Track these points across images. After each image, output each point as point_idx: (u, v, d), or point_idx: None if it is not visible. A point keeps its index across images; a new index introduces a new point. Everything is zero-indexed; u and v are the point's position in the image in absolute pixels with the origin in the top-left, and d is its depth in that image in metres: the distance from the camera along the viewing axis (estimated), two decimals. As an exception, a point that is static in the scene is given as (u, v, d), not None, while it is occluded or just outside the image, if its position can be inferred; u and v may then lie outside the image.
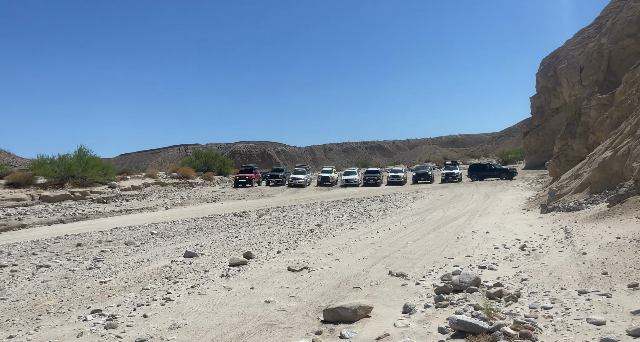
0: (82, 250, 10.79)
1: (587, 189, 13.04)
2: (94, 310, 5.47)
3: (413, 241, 9.49)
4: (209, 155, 40.07)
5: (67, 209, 19.95)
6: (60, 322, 5.14)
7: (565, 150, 21.66)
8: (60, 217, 18.51)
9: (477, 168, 35.81)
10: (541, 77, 44.15)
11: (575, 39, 36.90)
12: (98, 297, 6.14)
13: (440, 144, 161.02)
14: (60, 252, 10.51)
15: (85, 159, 24.37)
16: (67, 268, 8.49)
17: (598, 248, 6.77)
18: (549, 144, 38.13)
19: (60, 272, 8.19)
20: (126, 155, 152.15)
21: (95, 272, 7.92)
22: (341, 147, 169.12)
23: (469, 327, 3.83)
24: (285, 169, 40.41)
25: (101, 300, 6.00)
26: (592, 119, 19.07)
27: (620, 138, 12.27)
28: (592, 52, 26.48)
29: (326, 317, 4.69)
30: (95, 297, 6.18)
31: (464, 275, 5.46)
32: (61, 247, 11.32)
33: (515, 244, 8.29)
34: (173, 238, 12.07)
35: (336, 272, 6.89)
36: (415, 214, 15.16)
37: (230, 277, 6.87)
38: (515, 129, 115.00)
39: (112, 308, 5.54)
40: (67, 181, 22.92)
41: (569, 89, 31.96)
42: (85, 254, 10.17)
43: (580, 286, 5.07)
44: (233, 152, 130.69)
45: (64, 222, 18.26)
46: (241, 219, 16.20)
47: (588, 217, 9.61)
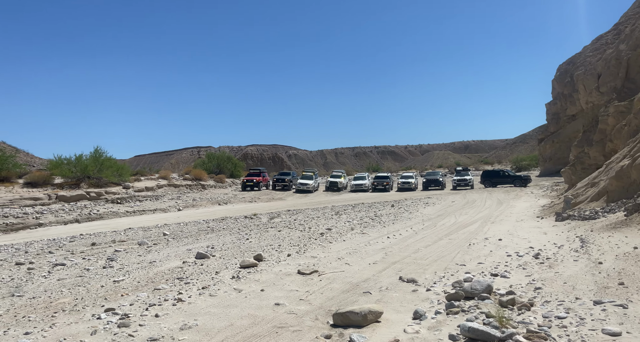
0: (97, 249, 10.97)
1: (603, 197, 12.79)
2: (107, 308, 5.56)
3: (424, 247, 9.42)
4: (221, 158, 40.36)
5: (83, 208, 20.32)
6: (74, 319, 5.23)
7: (581, 157, 21.28)
8: (75, 217, 18.86)
9: (490, 174, 35.26)
10: (557, 84, 43.54)
11: (592, 45, 36.37)
12: (111, 296, 6.24)
13: (452, 149, 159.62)
14: (75, 251, 10.71)
15: (100, 159, 24.81)
16: (82, 267, 8.64)
17: (614, 258, 6.63)
18: (565, 151, 37.51)
19: (75, 270, 8.34)
20: (140, 156, 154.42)
21: (109, 272, 8.05)
22: (352, 152, 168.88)
23: (480, 335, 3.79)
24: (293, 173, 38.84)
25: (114, 299, 6.09)
26: (609, 126, 18.72)
27: (638, 146, 12.02)
28: (610, 58, 26.05)
29: (336, 322, 4.69)
30: (108, 296, 6.28)
31: (476, 282, 5.40)
32: (76, 246, 11.53)
33: (529, 252, 8.16)
34: (185, 239, 12.20)
35: (346, 277, 6.87)
36: (427, 219, 15.04)
37: (241, 279, 6.91)
38: (529, 136, 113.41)
39: (125, 307, 5.62)
40: (83, 181, 23.36)
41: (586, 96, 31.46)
42: (100, 253, 10.34)
43: (596, 296, 4.97)
44: (245, 155, 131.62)
45: (79, 221, 18.60)
46: (252, 222, 16.29)
47: (604, 227, 9.42)
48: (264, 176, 36.22)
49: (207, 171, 35.59)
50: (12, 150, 31.55)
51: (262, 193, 32.73)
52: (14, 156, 24.99)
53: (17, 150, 34.40)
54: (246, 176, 36.17)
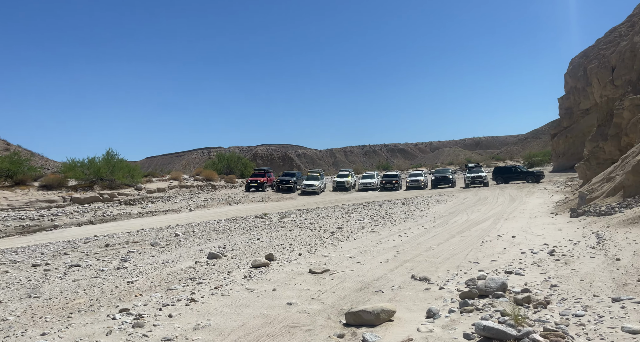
0: (111, 250, 11.11)
1: (620, 192, 12.53)
2: (122, 309, 5.62)
3: (436, 245, 9.33)
4: (231, 158, 40.53)
5: (96, 210, 20.61)
6: (90, 320, 5.30)
7: (596, 152, 20.88)
8: (89, 219, 19.14)
9: (502, 171, 34.76)
10: (570, 78, 42.82)
11: (606, 37, 35.66)
12: (126, 297, 6.31)
13: (463, 146, 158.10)
14: (90, 253, 10.86)
15: (113, 161, 25.13)
16: (97, 268, 8.76)
17: (633, 254, 6.48)
18: (579, 146, 36.89)
19: (90, 271, 8.46)
20: (152, 158, 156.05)
21: (122, 272, 8.14)
22: (362, 150, 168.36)
23: (495, 334, 3.73)
24: (298, 174, 36.48)
25: (128, 299, 6.16)
26: (624, 120, 18.33)
27: (655, 139, 11.74)
28: (624, 51, 25.51)
29: (348, 321, 4.66)
30: (123, 296, 6.35)
31: (490, 280, 5.33)
32: (91, 248, 11.70)
33: (544, 249, 8.03)
34: (197, 239, 12.29)
35: (358, 276, 6.84)
36: (438, 217, 14.92)
37: (253, 279, 6.93)
38: (542, 131, 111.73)
39: (139, 307, 5.67)
40: (96, 183, 23.69)
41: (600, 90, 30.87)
42: (114, 254, 10.47)
43: (614, 293, 4.86)
44: (255, 155, 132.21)
45: (93, 223, 18.87)
46: (263, 221, 16.34)
47: (621, 222, 9.22)
48: (269, 176, 34.98)
49: (217, 171, 35.77)
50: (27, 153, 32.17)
51: (272, 192, 32.52)
52: (29, 160, 25.45)
53: (32, 154, 35.04)
54: (250, 177, 34.88)
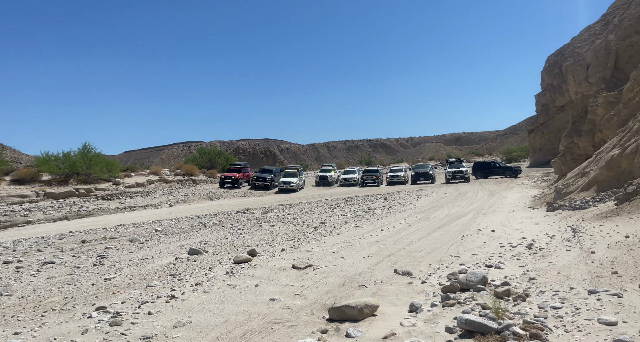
0: (87, 247, 10.80)
1: (594, 187, 12.91)
2: (98, 307, 5.46)
3: (418, 239, 9.42)
4: (212, 153, 39.98)
5: (72, 205, 20.02)
6: (65, 318, 5.13)
7: (571, 148, 21.48)
8: (64, 214, 18.57)
9: (481, 166, 35.37)
10: (546, 75, 43.82)
11: (581, 36, 36.57)
12: (103, 294, 6.13)
13: (444, 141, 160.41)
14: (65, 249, 10.53)
15: (89, 156, 24.45)
16: (72, 265, 8.50)
17: (607, 247, 6.68)
18: (554, 142, 37.88)
19: (65, 268, 8.20)
20: (130, 152, 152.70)
21: (99, 269, 7.92)
22: (345, 145, 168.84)
23: (477, 327, 3.77)
24: (276, 170, 34.24)
25: (106, 297, 5.99)
26: (599, 116, 18.88)
27: (628, 136, 12.13)
28: (599, 49, 26.22)
29: (332, 316, 4.64)
30: (99, 294, 6.17)
31: (471, 274, 5.40)
32: (66, 244, 11.35)
33: (522, 242, 8.20)
34: (177, 235, 12.08)
35: (341, 270, 6.84)
36: (420, 212, 15.08)
37: (235, 275, 6.84)
38: (519, 127, 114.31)
39: (117, 305, 5.52)
40: (72, 177, 23.00)
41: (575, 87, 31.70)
42: (90, 250, 10.19)
43: (590, 285, 4.99)
44: (237, 149, 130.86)
45: (68, 218, 18.33)
46: (245, 217, 16.19)
47: (595, 216, 9.50)
48: (245, 172, 32.99)
49: (198, 166, 35.26)
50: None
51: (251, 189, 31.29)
52: (1, 153, 24.49)
53: (4, 147, 33.70)
54: (225, 172, 32.87)
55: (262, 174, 32.38)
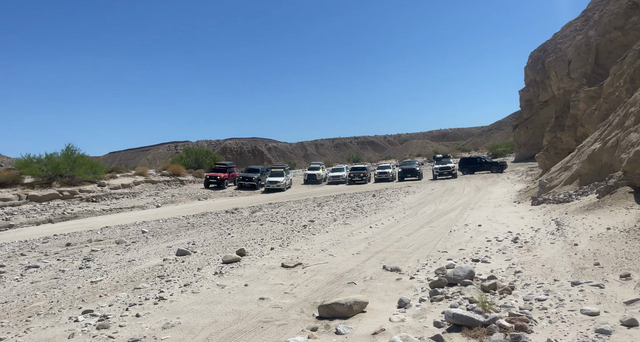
0: (72, 250, 10.62)
1: (576, 180, 13.18)
2: (85, 310, 5.38)
3: (406, 235, 9.50)
4: (199, 152, 39.58)
5: (56, 208, 19.64)
6: (50, 323, 5.04)
7: (554, 142, 21.88)
8: (48, 217, 18.22)
9: (467, 162, 35.81)
10: (530, 71, 44.51)
11: (562, 32, 37.22)
12: (89, 298, 6.04)
13: (431, 138, 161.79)
14: (49, 253, 10.34)
15: (73, 157, 24.00)
16: (57, 268, 8.35)
17: (589, 239, 6.83)
18: (538, 136, 38.52)
19: (49, 272, 8.05)
20: (115, 153, 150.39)
21: (85, 272, 7.80)
22: (333, 143, 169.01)
23: (464, 321, 3.83)
24: (262, 169, 33.51)
25: (92, 300, 5.90)
26: (580, 111, 19.26)
27: (608, 130, 12.40)
28: (580, 45, 26.71)
29: (321, 313, 4.66)
30: (86, 297, 6.08)
31: (458, 268, 5.47)
32: (50, 247, 11.14)
33: (508, 236, 8.34)
34: (165, 236, 11.95)
35: (330, 268, 6.86)
36: (408, 208, 15.20)
37: (224, 275, 6.81)
38: (504, 123, 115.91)
39: (104, 308, 5.45)
40: (55, 180, 22.56)
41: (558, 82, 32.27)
42: (75, 253, 10.02)
43: (573, 277, 5.11)
44: (224, 148, 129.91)
45: (52, 221, 17.98)
46: (233, 216, 16.11)
47: (578, 209, 9.70)
48: (230, 172, 32.03)
49: (185, 166, 34.89)
50: (-23, 149, 30.14)
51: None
52: (-20, 156, 23.88)
53: (-17, 150, 32.87)
54: (209, 172, 31.97)
55: (248, 174, 31.68)
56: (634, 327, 3.49)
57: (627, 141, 10.16)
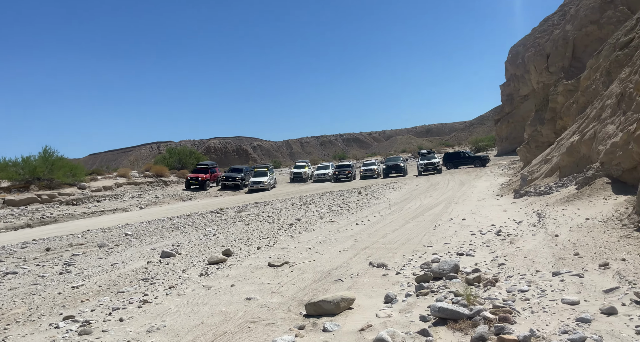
0: (52, 254, 10.36)
1: (556, 173, 13.47)
2: (66, 316, 5.25)
3: (392, 231, 9.56)
4: (183, 153, 39.04)
5: (34, 212, 19.13)
6: (30, 330, 4.90)
7: (534, 136, 22.31)
8: (27, 222, 17.73)
9: (451, 157, 36.22)
10: (510, 65, 45.24)
11: (541, 26, 37.91)
12: (70, 303, 5.90)
13: (415, 134, 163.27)
14: (28, 258, 10.06)
15: (51, 160, 23.39)
16: (36, 274, 8.13)
17: (569, 230, 6.99)
18: (520, 130, 39.23)
19: (28, 278, 7.83)
20: (96, 155, 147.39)
21: (66, 277, 7.61)
22: (318, 141, 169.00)
23: (450, 314, 3.87)
24: (246, 169, 32.84)
25: (74, 306, 5.76)
26: (559, 104, 19.68)
27: (586, 122, 12.70)
28: (557, 39, 27.26)
29: (309, 312, 4.65)
30: (67, 303, 5.93)
31: (443, 262, 5.52)
32: (29, 253, 10.84)
33: (491, 229, 8.47)
34: (148, 238, 11.76)
35: (317, 266, 6.85)
36: (393, 204, 15.31)
37: (210, 276, 6.74)
38: (486, 117, 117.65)
39: (86, 313, 5.33)
40: (33, 183, 21.97)
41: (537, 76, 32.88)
42: (56, 258, 9.77)
43: (554, 267, 5.21)
44: (208, 148, 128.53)
45: (31, 226, 17.51)
46: (219, 217, 15.96)
47: (558, 200, 9.92)
48: (212, 172, 31.20)
49: (168, 166, 34.38)
50: (-51, 154, 29.08)
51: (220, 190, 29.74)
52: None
53: (-44, 154, 31.77)
54: (191, 173, 31.03)
55: (231, 174, 30.98)
56: (613, 315, 3.58)
57: (604, 133, 10.42)
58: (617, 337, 3.20)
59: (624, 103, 9.94)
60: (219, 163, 36.64)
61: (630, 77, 9.85)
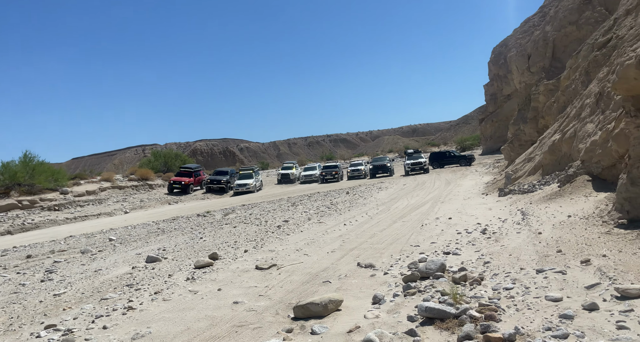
0: (33, 262, 10.11)
1: (539, 171, 13.72)
2: (47, 325, 5.12)
3: (380, 231, 9.60)
4: (168, 156, 38.53)
5: (15, 219, 18.66)
6: (10, 340, 4.77)
7: (518, 135, 22.69)
8: (7, 228, 17.28)
9: (437, 156, 36.59)
10: (493, 65, 45.96)
11: (522, 27, 38.58)
12: (52, 311, 5.76)
13: (401, 134, 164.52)
14: (8, 266, 9.80)
15: (32, 165, 22.84)
16: (17, 282, 7.92)
17: (552, 227, 7.11)
18: (504, 129, 39.85)
19: (8, 287, 7.63)
20: (79, 159, 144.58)
21: (48, 285, 7.43)
22: (305, 141, 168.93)
23: (436, 314, 3.89)
24: (232, 171, 32.42)
25: (55, 314, 5.63)
26: (541, 104, 20.06)
27: (567, 121, 12.96)
28: (538, 39, 27.79)
29: (297, 314, 4.63)
30: (48, 311, 5.79)
31: (430, 262, 5.56)
32: (9, 260, 10.56)
33: (477, 228, 8.56)
34: (133, 243, 11.58)
35: (305, 268, 6.83)
36: (381, 204, 15.38)
37: (196, 280, 6.66)
38: (471, 116, 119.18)
39: (68, 322, 5.21)
40: (13, 189, 21.41)
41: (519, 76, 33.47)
42: (37, 265, 9.54)
43: (538, 264, 5.30)
44: (194, 151, 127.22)
45: (11, 233, 17.07)
46: (205, 220, 15.80)
47: (542, 198, 10.10)
48: (197, 176, 30.46)
49: (154, 170, 33.87)
50: None
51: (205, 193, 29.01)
52: None
53: None
54: (174, 176, 30.20)
55: (216, 177, 30.30)
56: (594, 310, 3.65)
57: (583, 132, 10.65)
58: (599, 333, 3.26)
59: (602, 102, 10.18)
60: (205, 165, 36.22)
61: (608, 77, 10.09)
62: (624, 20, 11.96)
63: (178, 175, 30.20)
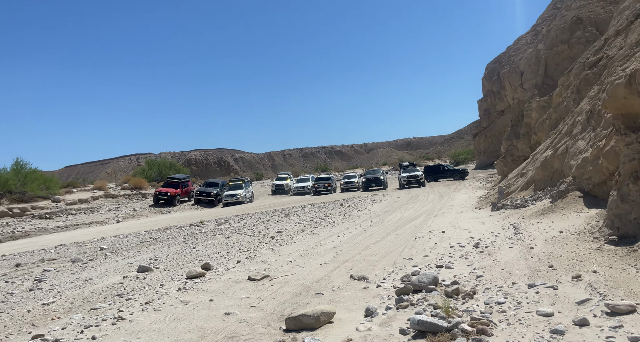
0: (22, 270, 9.97)
1: (532, 186, 13.85)
2: (35, 335, 5.04)
3: (373, 244, 9.60)
4: (162, 165, 38.41)
5: (5, 227, 18.41)
6: (-5, 352, 4.68)
7: (511, 150, 22.94)
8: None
9: (431, 170, 36.81)
10: (487, 81, 46.69)
11: (515, 45, 39.39)
12: (40, 321, 5.67)
13: (395, 147, 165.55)
14: (-4, 275, 9.64)
15: (23, 172, 22.66)
16: (5, 291, 7.79)
17: (544, 242, 7.17)
18: (497, 144, 40.27)
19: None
20: (72, 167, 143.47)
21: (36, 294, 7.32)
22: (300, 153, 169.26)
23: (428, 327, 3.89)
24: (223, 183, 31.85)
25: (44, 324, 5.54)
26: (533, 120, 20.36)
27: (559, 138, 13.16)
28: (530, 57, 28.35)
29: (288, 326, 4.60)
30: (36, 321, 5.70)
31: (423, 275, 5.57)
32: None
33: (470, 242, 8.60)
34: (125, 252, 11.46)
35: (298, 279, 6.80)
36: (375, 216, 15.39)
37: (188, 291, 6.60)
38: (465, 131, 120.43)
39: (56, 332, 5.13)
40: (4, 197, 21.18)
41: (512, 92, 34.00)
42: (26, 274, 9.40)
43: (530, 279, 5.33)
44: (188, 160, 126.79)
45: (1, 241, 16.83)
46: (198, 230, 15.70)
47: (534, 213, 10.18)
48: (185, 187, 29.36)
49: (147, 179, 33.72)
50: None
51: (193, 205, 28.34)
52: None
53: None
54: (160, 187, 29.27)
55: (206, 189, 29.58)
56: (585, 326, 3.67)
57: (575, 148, 10.82)
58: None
59: (593, 120, 10.37)
60: (200, 175, 36.11)
61: (599, 95, 10.31)
62: (614, 40, 12.28)
63: (165, 185, 29.13)
